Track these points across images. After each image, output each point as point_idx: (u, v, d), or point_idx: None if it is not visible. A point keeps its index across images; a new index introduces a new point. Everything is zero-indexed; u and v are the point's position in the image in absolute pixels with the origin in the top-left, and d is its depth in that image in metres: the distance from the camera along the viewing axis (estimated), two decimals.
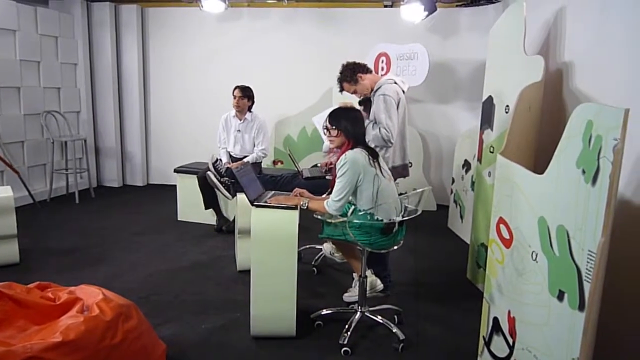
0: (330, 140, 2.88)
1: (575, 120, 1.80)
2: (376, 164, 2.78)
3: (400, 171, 3.56)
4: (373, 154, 2.82)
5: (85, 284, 2.33)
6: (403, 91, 3.50)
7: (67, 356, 1.84)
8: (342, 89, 3.62)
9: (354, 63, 3.55)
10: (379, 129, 3.30)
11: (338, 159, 2.79)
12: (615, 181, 1.52)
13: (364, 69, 3.54)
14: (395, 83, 3.47)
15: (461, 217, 4.96)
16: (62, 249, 4.25)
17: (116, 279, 3.63)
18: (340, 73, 3.57)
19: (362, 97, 3.63)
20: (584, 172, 1.73)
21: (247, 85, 4.89)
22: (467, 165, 4.94)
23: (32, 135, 5.79)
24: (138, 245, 4.42)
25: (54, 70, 6.03)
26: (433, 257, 4.34)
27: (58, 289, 2.28)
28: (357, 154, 2.74)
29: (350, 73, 3.51)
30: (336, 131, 2.82)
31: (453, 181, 5.32)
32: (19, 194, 5.24)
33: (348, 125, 2.81)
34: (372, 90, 3.52)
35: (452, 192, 5.32)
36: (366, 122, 3.33)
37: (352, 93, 3.62)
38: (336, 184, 2.73)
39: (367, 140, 3.01)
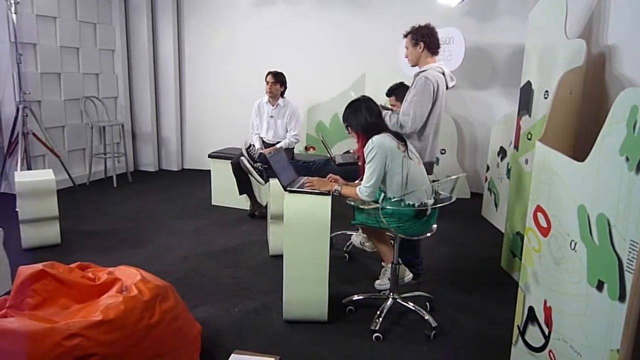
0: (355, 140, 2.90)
1: (620, 105, 1.73)
2: (403, 146, 2.75)
3: (426, 168, 3.39)
4: (399, 137, 2.80)
5: (124, 265, 2.40)
6: (447, 86, 3.32)
7: (107, 334, 1.91)
8: (405, 36, 3.42)
9: (432, 33, 3.32)
10: (397, 117, 3.20)
11: (359, 148, 2.79)
12: None
13: (432, 44, 3.31)
14: (443, 74, 3.28)
15: (495, 205, 4.87)
16: (101, 231, 4.39)
17: (153, 261, 3.72)
18: (418, 27, 3.36)
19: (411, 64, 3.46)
20: (627, 159, 1.66)
21: (279, 71, 4.89)
22: (502, 152, 4.84)
23: (72, 120, 5.97)
24: (174, 228, 4.52)
25: (93, 57, 6.18)
26: (466, 245, 4.29)
27: (98, 270, 2.36)
28: (383, 138, 2.73)
29: (419, 35, 3.30)
30: (351, 129, 2.88)
31: (488, 169, 5.22)
32: (60, 177, 5.41)
33: (355, 120, 2.84)
34: (419, 68, 3.37)
35: (486, 179, 5.22)
36: (386, 112, 3.22)
37: (405, 48, 3.44)
38: (366, 169, 2.72)
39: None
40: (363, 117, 2.81)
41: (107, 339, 1.89)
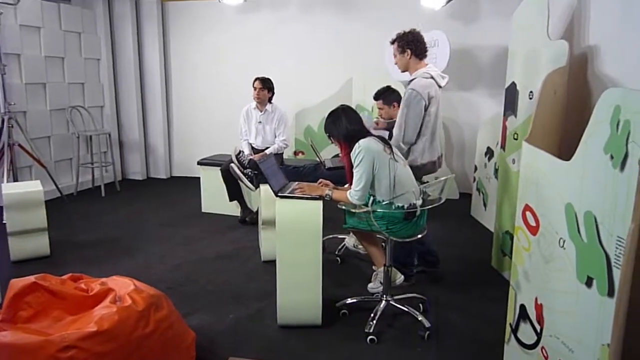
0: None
1: (603, 105, 1.77)
2: (389, 149, 2.81)
3: (429, 168, 3.43)
4: (385, 141, 2.86)
5: (117, 275, 2.39)
6: (440, 86, 3.37)
7: (102, 345, 1.90)
8: (392, 43, 3.47)
9: (418, 39, 3.37)
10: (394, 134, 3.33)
11: (343, 156, 2.89)
12: None
13: (418, 49, 3.37)
14: (432, 77, 3.33)
15: (484, 205, 4.92)
16: (91, 242, 4.36)
17: (144, 270, 3.71)
18: (402, 34, 3.40)
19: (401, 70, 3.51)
20: (612, 157, 1.70)
21: (267, 76, 4.91)
22: (489, 152, 4.89)
23: (58, 130, 5.93)
24: (164, 237, 4.50)
25: (78, 66, 6.14)
26: (457, 246, 4.33)
27: (90, 280, 2.35)
28: (369, 141, 2.77)
29: (405, 43, 3.35)
30: (333, 138, 2.95)
31: (476, 169, 5.28)
32: (47, 188, 5.35)
33: (336, 129, 2.90)
34: (409, 74, 3.44)
35: (474, 180, 5.27)
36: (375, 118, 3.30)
37: (394, 56, 3.48)
38: (354, 173, 2.75)
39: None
40: (343, 125, 2.86)
41: (102, 349, 1.89)
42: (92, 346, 1.87)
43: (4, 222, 4.55)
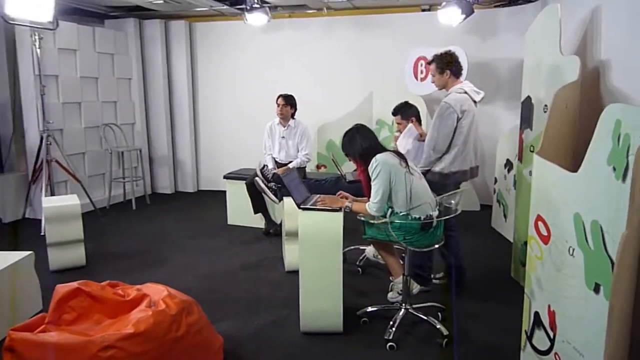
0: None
1: (605, 119, 1.88)
2: (404, 163, 2.95)
3: (459, 176, 3.53)
4: (400, 155, 3.01)
5: (150, 283, 2.57)
6: (474, 101, 3.53)
7: (139, 346, 2.06)
8: (429, 64, 3.64)
9: (455, 60, 3.57)
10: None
11: (359, 173, 3.06)
12: (638, 177, 1.60)
13: (456, 69, 3.57)
14: (466, 93, 3.50)
15: (504, 216, 4.97)
16: (123, 253, 4.58)
17: (174, 280, 3.88)
18: (440, 55, 3.58)
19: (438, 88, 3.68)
20: (614, 169, 1.80)
21: (289, 93, 5.10)
22: (509, 164, 4.96)
23: (92, 147, 6.23)
24: (192, 248, 4.69)
25: (111, 86, 6.45)
26: (477, 256, 4.39)
27: (126, 287, 2.53)
28: (386, 156, 2.92)
29: (445, 63, 3.54)
30: (349, 156, 3.11)
31: (496, 181, 5.34)
32: (82, 201, 5.59)
33: (352, 148, 3.07)
34: (445, 90, 3.61)
35: (495, 191, 5.33)
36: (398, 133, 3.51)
37: (431, 75, 3.66)
38: (372, 186, 2.89)
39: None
40: (358, 144, 3.03)
41: (138, 350, 2.05)
42: (129, 346, 2.03)
43: (42, 234, 4.82)
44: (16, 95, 5.68)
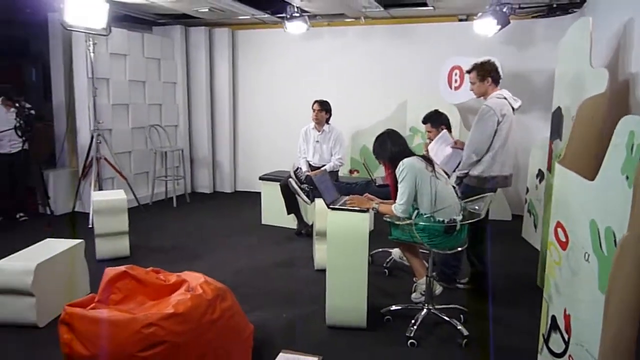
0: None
1: (620, 130, 1.97)
2: (431, 167, 3.08)
3: (500, 181, 3.62)
4: (427, 159, 3.14)
5: (188, 271, 2.78)
6: (513, 108, 3.63)
7: (177, 325, 2.27)
8: (469, 72, 3.77)
9: (495, 68, 3.69)
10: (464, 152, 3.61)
11: (387, 175, 3.21)
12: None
13: (496, 78, 3.69)
14: (505, 98, 3.60)
15: (535, 226, 4.99)
16: (163, 246, 4.86)
17: (209, 273, 4.00)
18: (481, 64, 3.71)
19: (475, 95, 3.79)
20: (627, 178, 1.89)
21: (325, 99, 5.29)
22: (540, 174, 4.98)
23: (138, 146, 6.59)
24: (227, 244, 4.93)
25: (157, 89, 6.81)
26: (505, 265, 4.43)
27: (167, 273, 2.75)
28: (412, 160, 3.07)
29: (485, 73, 3.66)
30: (379, 160, 3.28)
31: (527, 191, 5.36)
32: (127, 197, 5.96)
33: (382, 152, 3.22)
34: (483, 99, 3.72)
35: (526, 201, 5.35)
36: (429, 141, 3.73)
37: (470, 83, 3.77)
38: (399, 188, 3.04)
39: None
40: (388, 148, 3.18)
41: (177, 329, 2.25)
42: (169, 325, 2.24)
43: (89, 226, 5.16)
44: (71, 97, 6.09)
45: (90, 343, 2.21)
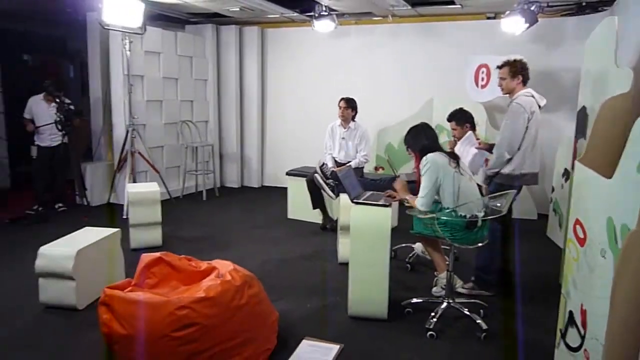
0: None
1: (637, 129, 2.02)
2: (455, 163, 3.15)
3: (529, 179, 3.68)
4: (452, 155, 3.21)
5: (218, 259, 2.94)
6: (539, 106, 3.68)
7: (208, 308, 2.42)
8: (500, 67, 3.80)
9: (527, 68, 3.75)
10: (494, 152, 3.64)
11: (416, 167, 3.28)
12: None
13: (527, 76, 3.75)
14: (532, 97, 3.66)
15: (560, 225, 4.99)
16: (193, 237, 5.05)
17: (237, 263, 4.19)
18: (512, 61, 3.76)
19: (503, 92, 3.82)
20: None
21: (351, 97, 5.39)
22: (566, 174, 4.97)
23: (170, 141, 6.82)
24: (254, 237, 5.09)
25: (189, 86, 7.03)
26: (528, 263, 4.45)
27: (198, 261, 2.91)
28: (436, 156, 3.15)
29: (516, 70, 3.70)
30: (410, 150, 3.37)
31: (553, 190, 5.35)
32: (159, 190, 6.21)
33: (414, 142, 3.32)
34: (509, 97, 3.76)
35: (551, 200, 5.35)
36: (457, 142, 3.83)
37: (500, 79, 3.80)
38: (422, 182, 3.12)
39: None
40: (421, 141, 3.25)
41: (208, 312, 2.40)
42: (200, 308, 2.39)
43: (124, 216, 5.39)
44: (107, 93, 6.35)
45: (128, 323, 2.38)
